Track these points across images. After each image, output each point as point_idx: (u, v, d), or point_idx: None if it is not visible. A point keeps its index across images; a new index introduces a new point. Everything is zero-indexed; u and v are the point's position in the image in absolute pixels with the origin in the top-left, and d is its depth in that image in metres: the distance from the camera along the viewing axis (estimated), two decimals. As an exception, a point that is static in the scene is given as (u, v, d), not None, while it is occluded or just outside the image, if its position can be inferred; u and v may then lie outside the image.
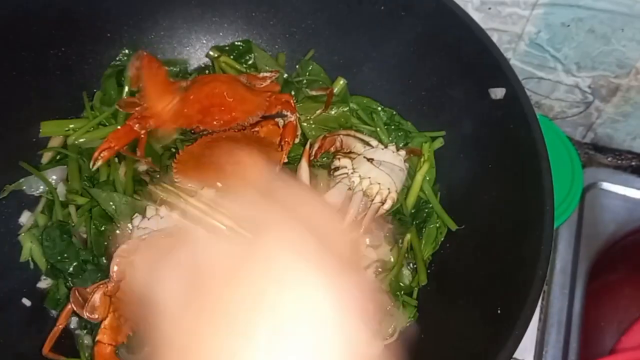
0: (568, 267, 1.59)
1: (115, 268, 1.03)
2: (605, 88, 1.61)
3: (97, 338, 1.05)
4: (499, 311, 1.08)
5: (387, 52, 1.39)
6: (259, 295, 0.63)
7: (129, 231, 1.17)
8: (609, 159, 1.77)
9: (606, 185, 1.67)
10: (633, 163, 1.76)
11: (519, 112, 1.18)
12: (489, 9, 1.49)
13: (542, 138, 1.14)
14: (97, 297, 1.02)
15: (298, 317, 0.64)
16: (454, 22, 1.27)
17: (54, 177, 1.29)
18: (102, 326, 1.06)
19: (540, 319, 1.54)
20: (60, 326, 1.08)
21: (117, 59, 1.41)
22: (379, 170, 1.25)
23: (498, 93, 1.22)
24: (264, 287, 0.66)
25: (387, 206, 1.25)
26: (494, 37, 1.55)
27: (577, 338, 1.49)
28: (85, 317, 1.03)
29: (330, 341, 0.64)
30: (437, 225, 1.32)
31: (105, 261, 1.18)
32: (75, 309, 1.03)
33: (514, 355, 1.48)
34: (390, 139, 1.39)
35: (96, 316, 1.03)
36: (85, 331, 1.19)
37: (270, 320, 0.63)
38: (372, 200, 1.24)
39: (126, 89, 1.37)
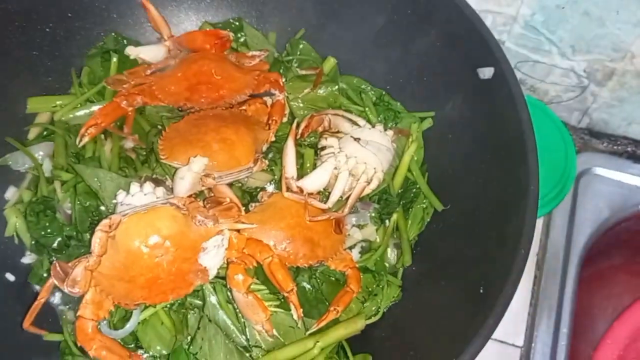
0: (560, 252, 1.58)
1: (97, 242, 1.02)
2: (601, 72, 1.59)
3: (79, 313, 1.05)
4: (481, 290, 1.08)
5: (377, 32, 1.38)
6: None
7: (113, 207, 1.17)
8: (604, 144, 1.76)
9: (601, 171, 1.66)
10: (628, 149, 1.75)
11: (507, 91, 1.17)
12: (483, -11, 1.48)
13: (529, 117, 1.14)
14: (78, 271, 1.02)
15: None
16: (444, 2, 1.26)
17: (40, 152, 1.28)
18: (84, 301, 1.05)
19: (531, 303, 1.53)
20: (41, 300, 1.08)
21: (102, 42, 1.41)
22: (366, 149, 1.24)
23: (486, 72, 1.21)
24: None
25: (373, 186, 1.24)
26: (489, 19, 1.54)
27: (568, 323, 1.49)
28: (66, 291, 1.02)
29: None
30: (424, 205, 1.31)
31: (89, 237, 1.18)
32: (55, 282, 1.03)
33: (504, 339, 1.50)
34: (379, 119, 1.38)
35: (77, 290, 1.02)
36: (68, 307, 1.19)
37: None
38: (358, 179, 1.23)
39: (113, 67, 1.37)
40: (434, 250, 1.29)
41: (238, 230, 1.16)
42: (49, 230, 1.19)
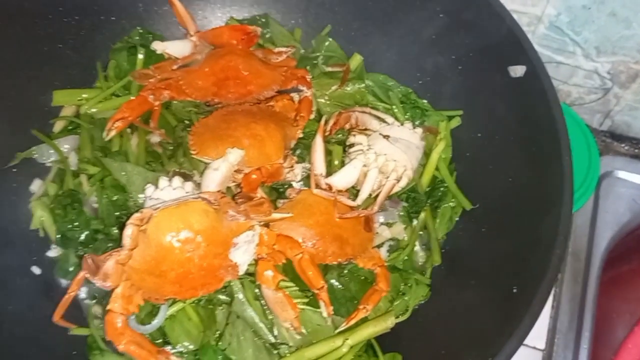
0: (582, 255, 1.57)
1: (129, 236, 1.01)
2: (625, 74, 1.58)
3: (109, 307, 1.04)
4: (514, 290, 1.07)
5: (405, 29, 1.37)
6: None
7: (141, 201, 1.15)
8: (626, 147, 1.75)
9: (622, 174, 1.65)
10: (650, 152, 1.74)
11: (539, 90, 1.16)
12: (509, -11, 1.47)
13: (562, 116, 1.13)
14: (109, 265, 1.01)
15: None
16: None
17: (66, 146, 1.28)
18: (114, 295, 1.04)
19: (552, 306, 1.52)
20: (72, 293, 1.06)
21: (128, 36, 1.40)
22: (395, 147, 1.23)
23: (518, 71, 1.20)
24: None
25: (402, 184, 1.23)
26: (513, 19, 1.53)
27: (590, 327, 1.48)
28: (98, 284, 1.01)
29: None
30: (452, 204, 1.30)
31: (116, 231, 1.17)
32: (87, 275, 1.02)
33: (525, 342, 1.48)
34: (406, 116, 1.37)
35: (108, 284, 1.01)
36: (94, 301, 1.18)
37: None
38: (388, 177, 1.22)
39: (139, 62, 1.36)
40: (463, 249, 1.27)
41: (267, 226, 1.15)
42: (76, 224, 1.18)
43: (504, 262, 1.15)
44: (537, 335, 1.48)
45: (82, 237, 1.18)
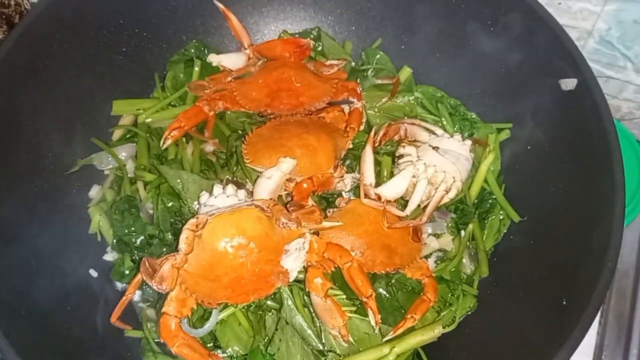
0: (631, 271, 1.55)
1: (184, 240, 1.04)
2: (676, 90, 1.57)
3: (163, 310, 1.07)
4: (564, 302, 1.06)
5: (455, 42, 1.39)
6: None
7: (196, 208, 1.19)
8: (677, 163, 1.72)
9: (672, 191, 1.63)
10: (701, 168, 1.71)
11: (591, 103, 1.16)
12: (559, 4, 1.47)
13: (614, 128, 1.13)
14: (166, 268, 1.04)
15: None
16: (524, 12, 1.26)
17: (124, 153, 1.32)
18: (169, 298, 1.07)
19: (600, 322, 1.50)
20: (129, 295, 1.10)
21: (184, 48, 1.45)
22: (445, 158, 1.24)
23: (569, 84, 1.20)
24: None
25: (451, 195, 1.24)
26: (562, 34, 1.53)
27: (638, 344, 1.45)
28: (155, 287, 1.04)
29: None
30: (501, 217, 1.30)
31: (170, 236, 1.20)
32: (144, 278, 1.05)
33: (572, 358, 1.47)
34: (455, 129, 1.38)
35: (164, 287, 1.04)
36: (147, 304, 1.22)
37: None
38: (437, 188, 1.23)
39: (195, 73, 1.40)
40: (511, 261, 1.28)
41: (317, 234, 1.17)
42: (132, 229, 1.22)
43: (553, 274, 1.15)
44: (584, 351, 1.46)
45: (138, 241, 1.22)
